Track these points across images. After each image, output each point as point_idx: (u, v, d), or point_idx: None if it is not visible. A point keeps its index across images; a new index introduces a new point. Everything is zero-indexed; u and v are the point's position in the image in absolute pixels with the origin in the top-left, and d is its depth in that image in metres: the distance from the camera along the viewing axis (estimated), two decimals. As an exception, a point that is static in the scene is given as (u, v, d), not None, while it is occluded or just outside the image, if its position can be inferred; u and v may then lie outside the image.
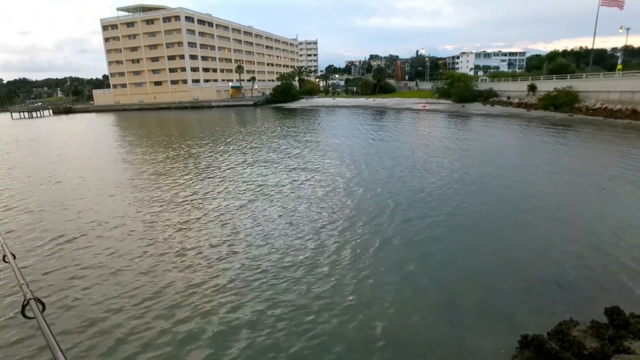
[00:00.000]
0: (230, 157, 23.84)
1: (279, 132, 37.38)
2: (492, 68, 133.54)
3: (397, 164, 20.11)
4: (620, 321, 6.13)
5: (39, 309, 1.56)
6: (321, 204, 13.78)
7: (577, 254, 9.29)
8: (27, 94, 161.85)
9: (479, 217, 11.95)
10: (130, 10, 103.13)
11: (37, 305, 1.57)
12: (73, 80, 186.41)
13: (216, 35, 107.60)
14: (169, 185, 17.30)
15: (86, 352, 6.47)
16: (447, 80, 70.94)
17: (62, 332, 6.92)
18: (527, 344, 5.83)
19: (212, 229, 11.75)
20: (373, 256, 9.56)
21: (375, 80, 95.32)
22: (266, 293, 8.01)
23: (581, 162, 20.03)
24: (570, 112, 40.43)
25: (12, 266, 1.94)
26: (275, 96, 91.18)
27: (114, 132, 46.56)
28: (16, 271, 1.85)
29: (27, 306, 1.57)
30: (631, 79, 37.10)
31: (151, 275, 8.96)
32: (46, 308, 1.60)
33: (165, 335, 6.79)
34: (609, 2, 47.15)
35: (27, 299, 1.58)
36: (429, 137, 30.59)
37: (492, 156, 21.80)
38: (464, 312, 7.26)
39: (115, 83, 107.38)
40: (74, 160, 25.65)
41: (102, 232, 11.86)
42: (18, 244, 10.97)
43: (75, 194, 16.47)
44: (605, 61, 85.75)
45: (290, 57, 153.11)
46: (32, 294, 1.60)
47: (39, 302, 1.59)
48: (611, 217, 11.68)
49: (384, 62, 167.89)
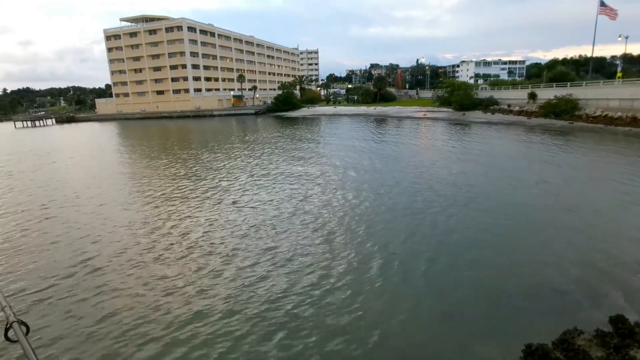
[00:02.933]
0: (239, 172, 23.87)
1: (279, 141, 37.50)
2: (492, 76, 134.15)
3: (400, 173, 20.13)
4: (625, 330, 6.07)
5: (23, 331, 1.50)
6: (323, 212, 13.77)
7: (580, 262, 9.24)
8: (30, 103, 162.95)
9: (481, 227, 11.91)
10: (133, 21, 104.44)
11: (20, 328, 1.51)
12: (76, 89, 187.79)
13: (218, 45, 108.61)
14: (161, 196, 17.31)
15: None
16: (448, 88, 71.28)
17: (47, 356, 6.61)
18: (532, 353, 5.78)
19: (204, 252, 11.55)
20: (375, 266, 9.52)
21: (376, 89, 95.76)
22: (267, 298, 7.98)
23: (583, 171, 20.00)
24: (571, 119, 40.51)
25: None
26: (276, 105, 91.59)
27: (116, 141, 46.78)
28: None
29: (10, 329, 1.51)
30: (631, 86, 37.23)
31: (141, 296, 8.55)
32: (30, 331, 1.55)
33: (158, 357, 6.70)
34: (607, 11, 47.58)
35: (10, 321, 1.52)
36: (431, 146, 30.65)
37: (493, 165, 21.81)
38: (468, 321, 7.20)
39: (118, 92, 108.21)
40: (57, 169, 25.71)
41: (89, 250, 11.24)
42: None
43: (61, 211, 15.74)
44: (604, 69, 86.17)
45: (291, 66, 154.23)
46: (15, 317, 1.54)
47: (23, 325, 1.53)
48: (615, 225, 11.64)
49: (385, 71, 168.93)
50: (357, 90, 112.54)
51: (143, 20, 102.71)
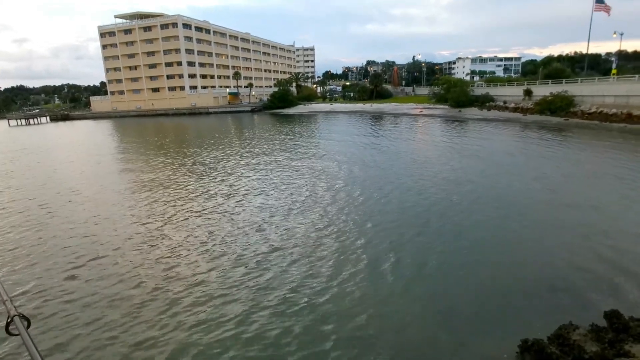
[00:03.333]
0: (236, 166, 23.83)
1: (277, 138, 37.41)
2: (488, 73, 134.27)
3: (398, 170, 20.16)
4: (620, 325, 6.13)
5: (24, 325, 1.51)
6: (319, 212, 13.78)
7: (575, 258, 9.31)
8: (24, 101, 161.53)
9: (477, 224, 11.97)
10: (127, 18, 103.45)
11: (22, 322, 1.52)
12: (70, 87, 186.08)
13: (213, 42, 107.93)
14: (164, 196, 17.25)
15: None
16: (444, 85, 71.40)
17: (48, 349, 6.66)
18: (528, 348, 5.82)
19: (205, 246, 11.62)
20: (373, 264, 9.54)
21: (372, 86, 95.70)
22: (264, 296, 7.98)
23: (580, 167, 20.10)
24: (566, 116, 40.72)
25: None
26: (272, 102, 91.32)
27: (112, 139, 46.49)
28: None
29: (11, 323, 1.52)
30: (626, 83, 37.43)
31: (142, 289, 8.69)
32: (31, 325, 1.55)
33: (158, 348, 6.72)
34: (601, 7, 47.77)
35: (11, 315, 1.53)
36: (429, 142, 30.70)
37: (490, 162, 21.88)
38: (464, 317, 7.24)
39: (113, 90, 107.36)
40: (61, 166, 25.57)
41: (90, 245, 11.41)
42: (1, 259, 10.57)
43: (61, 205, 16.21)
44: (599, 66, 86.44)
45: (287, 63, 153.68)
46: (17, 310, 1.55)
47: (24, 319, 1.54)
48: (609, 222, 11.72)
49: (381, 68, 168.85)
50: (353, 87, 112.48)
51: (138, 17, 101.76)
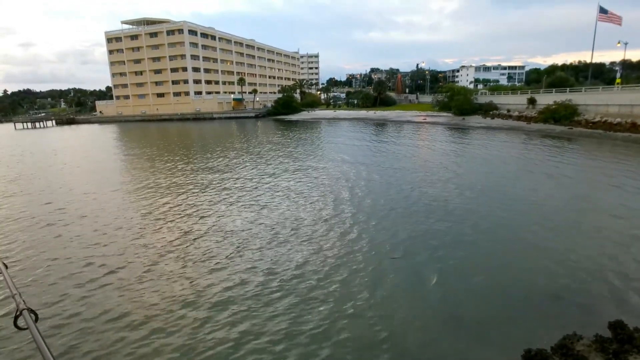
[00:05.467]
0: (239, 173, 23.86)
1: (282, 143, 37.51)
2: (491, 81, 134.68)
3: (402, 181, 20.12)
4: (624, 335, 6.03)
5: (32, 319, 1.53)
6: (326, 217, 13.74)
7: (579, 268, 9.20)
8: (30, 105, 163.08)
9: (481, 233, 11.89)
10: (134, 24, 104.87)
11: (29, 315, 1.54)
12: (76, 91, 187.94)
13: (219, 48, 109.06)
14: (169, 195, 17.29)
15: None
16: (447, 93, 71.41)
17: (56, 343, 6.80)
18: (531, 358, 5.73)
19: (214, 243, 11.67)
20: (376, 271, 9.48)
21: (376, 93, 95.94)
22: (270, 299, 7.93)
23: (583, 177, 19.97)
24: (570, 125, 40.59)
25: (4, 276, 1.91)
26: (276, 108, 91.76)
27: (117, 143, 46.79)
28: (8, 281, 1.82)
29: (19, 317, 1.54)
30: (630, 92, 37.31)
31: (149, 285, 8.85)
32: (39, 319, 1.56)
33: (165, 347, 6.68)
34: (606, 18, 47.87)
35: (20, 309, 1.56)
36: (432, 150, 30.65)
37: (494, 170, 21.81)
38: (468, 326, 7.16)
39: (119, 94, 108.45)
40: (70, 169, 25.70)
41: (98, 240, 11.79)
42: (9, 253, 10.83)
43: (70, 205, 16.39)
44: (603, 75, 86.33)
45: (291, 69, 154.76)
46: (25, 304, 1.58)
47: (32, 313, 1.56)
48: (615, 230, 11.60)
49: (385, 75, 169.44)
50: (357, 94, 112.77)
51: (144, 23, 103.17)
